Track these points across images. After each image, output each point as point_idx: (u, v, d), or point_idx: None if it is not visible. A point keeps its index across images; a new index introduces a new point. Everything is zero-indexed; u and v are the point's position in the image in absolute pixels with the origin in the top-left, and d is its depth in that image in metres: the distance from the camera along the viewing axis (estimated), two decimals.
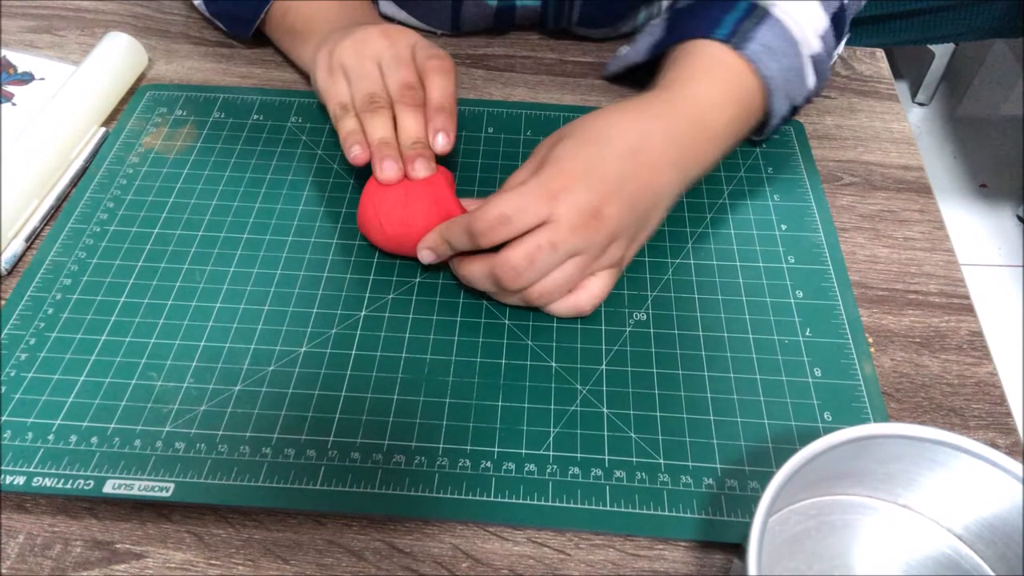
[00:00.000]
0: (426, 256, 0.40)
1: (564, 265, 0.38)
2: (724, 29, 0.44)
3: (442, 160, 0.43)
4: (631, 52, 0.51)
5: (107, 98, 0.51)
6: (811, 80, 0.46)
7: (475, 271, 0.39)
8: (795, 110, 0.48)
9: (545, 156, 0.39)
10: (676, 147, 0.41)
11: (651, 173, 0.40)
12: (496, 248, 0.37)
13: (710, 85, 0.43)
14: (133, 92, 0.53)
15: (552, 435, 0.37)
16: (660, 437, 0.37)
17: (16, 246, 0.44)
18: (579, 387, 0.38)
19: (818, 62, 0.46)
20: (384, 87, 0.44)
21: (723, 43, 0.44)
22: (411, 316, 0.41)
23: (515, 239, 0.37)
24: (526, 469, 0.35)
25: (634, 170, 0.39)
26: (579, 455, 0.36)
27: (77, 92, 0.49)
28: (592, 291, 0.40)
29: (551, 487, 0.35)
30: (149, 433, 0.36)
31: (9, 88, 0.53)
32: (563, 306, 0.40)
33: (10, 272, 0.44)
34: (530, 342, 0.40)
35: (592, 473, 0.35)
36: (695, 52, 0.45)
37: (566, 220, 0.37)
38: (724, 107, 0.43)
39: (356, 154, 0.42)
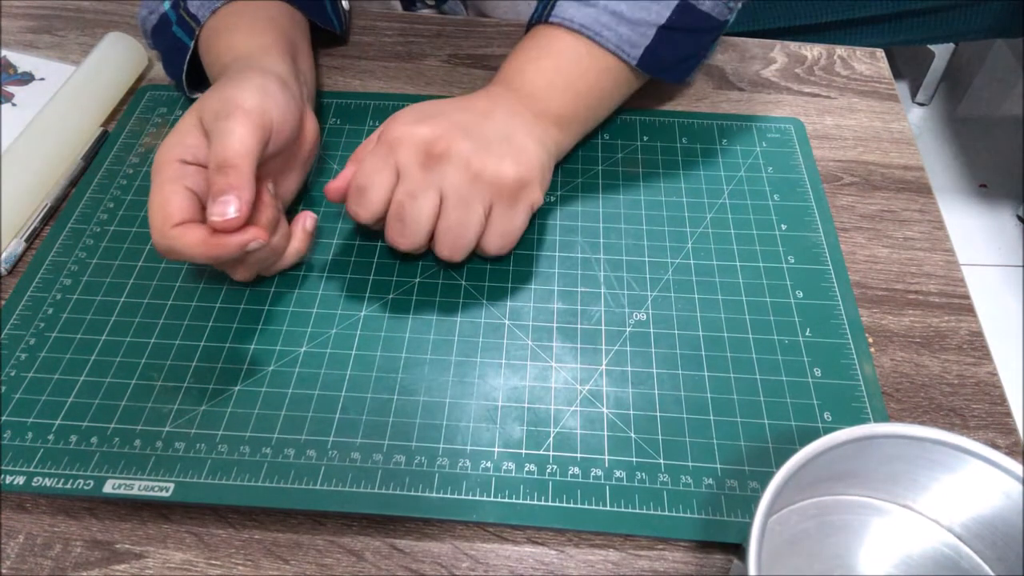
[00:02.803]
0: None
1: (445, 210, 0.39)
2: (537, 10, 0.46)
3: None
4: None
5: (107, 98, 0.51)
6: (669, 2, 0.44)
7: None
8: (691, 35, 0.46)
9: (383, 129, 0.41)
10: (508, 104, 0.42)
11: (486, 107, 0.42)
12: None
13: (538, 67, 0.44)
14: (133, 92, 0.53)
15: (552, 435, 0.37)
16: (660, 437, 0.37)
17: (16, 246, 0.44)
18: (579, 387, 0.38)
19: None
20: None
21: (538, 23, 0.45)
22: (411, 316, 0.41)
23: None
24: (526, 469, 0.35)
25: (464, 107, 0.41)
26: (579, 455, 0.36)
27: (77, 92, 0.49)
28: (498, 229, 0.40)
29: (551, 487, 0.35)
30: (149, 433, 0.36)
31: (9, 88, 0.53)
32: (488, 249, 0.41)
33: (10, 272, 0.44)
34: (530, 342, 0.40)
35: (592, 473, 0.35)
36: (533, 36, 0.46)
37: (410, 164, 0.38)
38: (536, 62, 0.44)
39: None
